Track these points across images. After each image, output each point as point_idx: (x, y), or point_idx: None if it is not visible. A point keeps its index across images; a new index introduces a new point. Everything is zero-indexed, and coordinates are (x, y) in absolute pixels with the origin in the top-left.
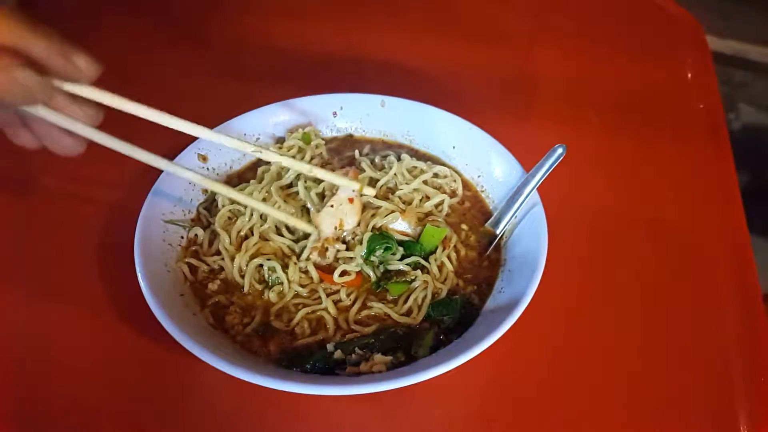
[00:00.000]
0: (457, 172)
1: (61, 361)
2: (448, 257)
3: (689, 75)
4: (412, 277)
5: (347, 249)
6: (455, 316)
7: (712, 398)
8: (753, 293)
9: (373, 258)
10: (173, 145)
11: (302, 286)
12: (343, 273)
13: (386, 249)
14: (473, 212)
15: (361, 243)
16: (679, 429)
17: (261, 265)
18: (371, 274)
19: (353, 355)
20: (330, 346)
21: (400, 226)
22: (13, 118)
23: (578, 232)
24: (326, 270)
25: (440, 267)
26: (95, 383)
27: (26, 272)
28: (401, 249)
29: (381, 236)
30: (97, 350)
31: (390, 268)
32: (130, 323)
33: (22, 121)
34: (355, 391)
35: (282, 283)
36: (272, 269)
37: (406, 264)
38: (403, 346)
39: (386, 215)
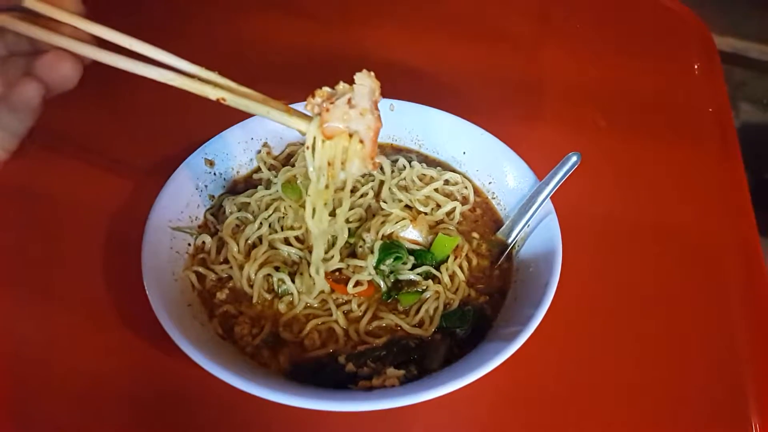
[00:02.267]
0: (467, 178)
1: (66, 370)
2: (460, 266)
3: (697, 75)
4: (424, 287)
5: (357, 258)
6: (468, 328)
7: (726, 399)
8: (764, 294)
9: (383, 267)
10: (184, 147)
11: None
12: (356, 283)
13: (396, 258)
14: (485, 220)
15: (372, 252)
16: (693, 429)
17: (270, 275)
18: (382, 284)
19: (365, 368)
20: (342, 359)
21: (411, 234)
22: (12, 66)
23: (589, 238)
24: (338, 280)
25: (452, 276)
26: (100, 393)
27: (31, 281)
28: (412, 258)
29: (391, 245)
30: (102, 359)
31: (401, 277)
32: (135, 332)
33: (22, 68)
34: (369, 407)
35: (291, 294)
36: (281, 281)
37: (417, 274)
38: (415, 358)
39: (396, 222)
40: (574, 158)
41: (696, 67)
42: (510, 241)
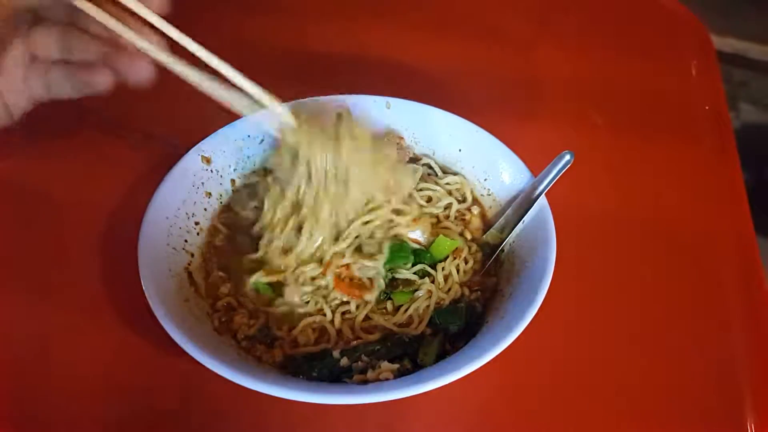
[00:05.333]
0: (462, 176)
1: (62, 366)
2: (457, 267)
3: (694, 75)
4: (418, 286)
5: (363, 254)
6: (461, 324)
7: (722, 399)
8: (761, 295)
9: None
10: (181, 144)
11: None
12: (360, 285)
13: (402, 258)
14: (479, 216)
15: (381, 252)
16: (689, 429)
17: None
18: (382, 283)
19: (359, 362)
20: (336, 353)
21: (414, 234)
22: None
23: (582, 236)
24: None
25: (446, 277)
26: (96, 388)
27: (26, 276)
28: (412, 258)
29: (401, 247)
30: (99, 355)
31: (397, 276)
32: (133, 328)
33: (103, 57)
34: (364, 400)
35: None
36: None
37: (414, 273)
38: (409, 353)
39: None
40: (567, 157)
41: (693, 65)
42: (504, 237)
